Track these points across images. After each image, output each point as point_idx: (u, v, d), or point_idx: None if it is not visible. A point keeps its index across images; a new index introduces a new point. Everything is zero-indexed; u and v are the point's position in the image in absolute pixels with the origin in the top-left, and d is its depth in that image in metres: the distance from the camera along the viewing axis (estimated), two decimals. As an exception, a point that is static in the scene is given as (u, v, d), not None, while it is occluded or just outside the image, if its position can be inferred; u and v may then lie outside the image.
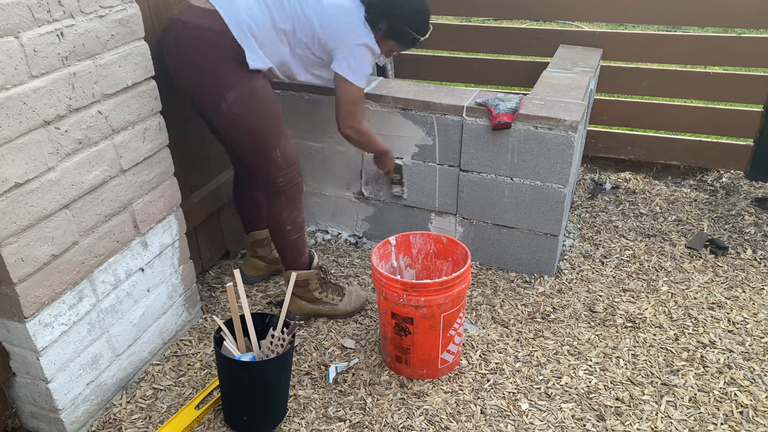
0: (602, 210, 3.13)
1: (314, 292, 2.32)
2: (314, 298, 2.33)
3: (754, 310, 2.41)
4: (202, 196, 2.48)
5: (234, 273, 1.96)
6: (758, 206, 3.11)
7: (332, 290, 2.37)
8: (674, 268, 2.66)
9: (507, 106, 2.39)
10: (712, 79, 3.21)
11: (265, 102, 2.05)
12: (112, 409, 1.99)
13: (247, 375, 1.81)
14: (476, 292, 2.54)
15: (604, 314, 2.40)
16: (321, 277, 2.34)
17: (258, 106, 2.03)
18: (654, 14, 3.13)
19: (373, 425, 1.93)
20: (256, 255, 2.58)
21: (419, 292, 1.93)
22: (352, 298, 2.38)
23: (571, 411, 1.97)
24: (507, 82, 3.55)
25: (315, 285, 2.31)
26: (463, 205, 2.62)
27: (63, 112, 1.64)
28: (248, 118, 2.03)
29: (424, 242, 2.25)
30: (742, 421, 1.93)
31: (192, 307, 2.34)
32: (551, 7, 3.27)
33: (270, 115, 2.06)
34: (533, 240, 2.56)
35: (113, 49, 1.77)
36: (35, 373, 1.73)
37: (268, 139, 2.07)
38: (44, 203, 1.62)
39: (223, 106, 2.00)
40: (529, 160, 2.41)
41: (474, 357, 2.20)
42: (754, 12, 2.98)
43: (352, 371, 2.14)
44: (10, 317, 1.65)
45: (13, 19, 1.46)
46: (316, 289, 2.32)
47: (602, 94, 3.54)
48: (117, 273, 1.93)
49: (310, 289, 2.31)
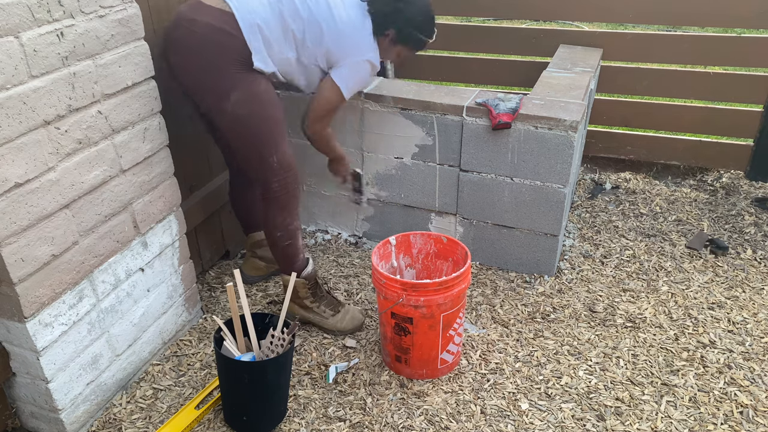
0: (602, 210, 3.13)
1: (305, 300, 2.29)
2: (305, 305, 2.30)
3: (754, 310, 2.41)
4: (202, 196, 2.48)
5: (234, 273, 1.96)
6: (758, 206, 3.11)
7: (327, 303, 2.31)
8: (674, 268, 2.66)
9: (507, 106, 2.39)
10: (712, 79, 3.21)
11: (267, 105, 2.04)
12: (112, 409, 1.99)
13: (247, 375, 1.81)
14: (476, 292, 2.54)
15: (604, 314, 2.40)
16: (310, 286, 2.28)
17: (259, 109, 2.02)
18: (654, 14, 3.13)
19: (373, 425, 1.93)
20: (255, 255, 2.58)
21: (419, 291, 1.93)
22: (347, 317, 2.30)
23: (571, 411, 1.97)
24: (507, 82, 3.55)
25: (305, 293, 2.27)
26: (463, 205, 2.62)
27: (63, 112, 1.64)
28: (248, 119, 2.02)
29: (424, 242, 2.25)
30: (742, 421, 1.93)
31: (192, 307, 2.34)
32: (551, 7, 3.27)
33: (270, 119, 2.05)
34: (533, 240, 2.56)
35: (113, 49, 1.77)
36: (35, 373, 1.73)
37: (266, 143, 2.06)
38: (44, 203, 1.62)
39: (224, 106, 1.99)
40: (529, 160, 2.41)
41: (474, 357, 2.20)
42: (754, 12, 2.98)
43: (352, 371, 2.14)
44: (10, 317, 1.65)
45: (13, 19, 1.46)
46: (306, 297, 2.28)
47: (602, 94, 3.54)
48: (117, 273, 1.93)
49: (300, 296, 2.28)
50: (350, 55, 2.14)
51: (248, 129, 2.04)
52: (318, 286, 2.31)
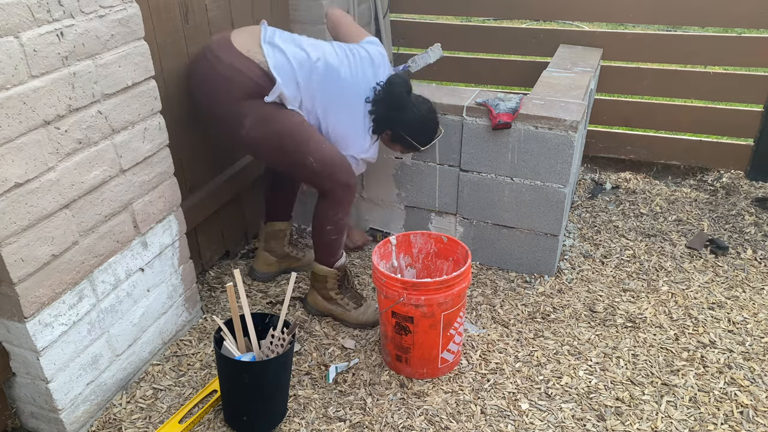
0: (602, 210, 3.13)
1: (331, 291, 2.33)
2: (330, 297, 2.34)
3: (754, 310, 2.41)
4: (202, 196, 2.48)
5: (234, 273, 1.96)
6: (758, 206, 3.11)
7: (351, 296, 2.36)
8: (674, 268, 2.66)
9: (507, 106, 2.39)
10: (712, 79, 3.21)
11: (280, 120, 2.10)
12: (112, 409, 1.99)
13: (247, 375, 1.81)
14: (476, 292, 2.54)
15: (604, 314, 2.40)
16: (340, 278, 2.33)
17: (273, 126, 2.09)
18: (654, 14, 3.13)
19: (373, 425, 1.93)
20: (268, 248, 2.59)
21: (419, 290, 1.93)
22: (369, 311, 2.35)
23: (571, 411, 1.97)
24: (507, 82, 3.55)
25: (333, 285, 2.32)
26: (463, 205, 2.62)
27: (63, 111, 1.64)
28: (266, 139, 2.11)
29: (424, 242, 2.25)
30: (742, 421, 1.93)
31: (192, 307, 2.34)
32: (551, 7, 3.28)
33: (288, 130, 2.11)
34: (533, 240, 2.56)
35: (113, 48, 1.77)
36: (35, 373, 1.73)
37: (296, 152, 2.12)
38: (44, 203, 1.62)
39: (241, 133, 2.10)
40: (529, 160, 2.41)
41: (474, 357, 2.20)
42: (754, 12, 2.98)
43: (352, 371, 2.14)
44: (10, 317, 1.64)
45: (13, 19, 1.46)
46: (333, 288, 2.33)
47: (602, 94, 3.54)
48: (117, 273, 1.93)
49: (327, 287, 2.32)
50: (346, 149, 2.22)
51: (270, 147, 2.13)
52: (347, 278, 2.37)
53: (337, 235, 2.25)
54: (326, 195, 2.21)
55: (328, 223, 2.22)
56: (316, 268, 2.32)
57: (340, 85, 2.16)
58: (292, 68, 2.08)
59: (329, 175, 2.16)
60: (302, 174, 2.22)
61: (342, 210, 2.22)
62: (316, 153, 2.13)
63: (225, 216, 2.69)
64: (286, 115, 2.11)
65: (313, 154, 2.12)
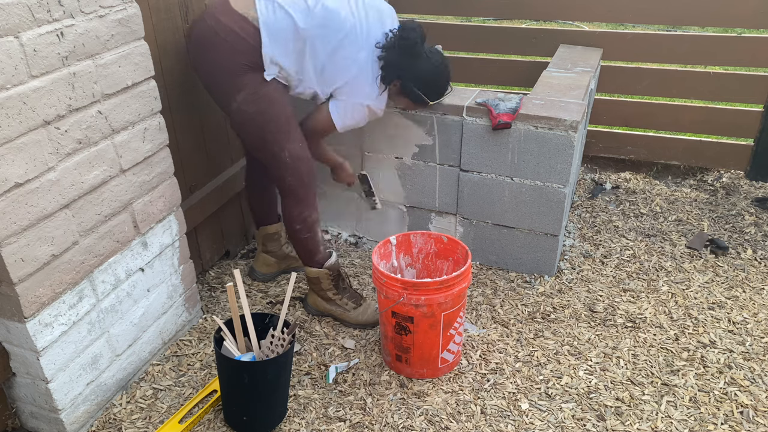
0: (602, 210, 3.13)
1: (328, 292, 2.32)
2: (328, 297, 2.33)
3: (754, 310, 2.41)
4: (202, 196, 2.48)
5: (234, 273, 1.96)
6: (758, 206, 3.11)
7: (349, 296, 2.35)
8: (674, 268, 2.66)
9: (507, 106, 2.39)
10: (712, 79, 3.21)
11: (274, 104, 2.08)
12: (112, 409, 1.99)
13: (247, 375, 1.81)
14: (476, 292, 2.54)
15: (604, 314, 2.40)
16: (333, 278, 2.32)
17: (266, 107, 2.07)
18: (654, 14, 3.13)
19: (373, 425, 1.93)
20: (266, 250, 2.59)
21: (419, 290, 1.93)
22: (368, 311, 2.34)
23: (572, 411, 1.97)
24: (507, 82, 3.55)
25: (328, 285, 2.31)
26: (463, 205, 2.62)
27: (63, 112, 1.64)
28: (255, 117, 2.07)
29: (424, 242, 2.25)
30: (742, 421, 1.93)
31: (192, 307, 2.34)
32: (551, 7, 3.27)
33: (277, 117, 2.09)
34: (533, 240, 2.56)
35: (113, 48, 1.77)
36: (35, 373, 1.73)
37: (276, 140, 2.10)
38: (44, 203, 1.62)
39: (233, 104, 2.06)
40: (530, 160, 2.41)
41: (474, 357, 2.20)
42: (754, 12, 2.98)
43: (352, 371, 2.14)
44: (10, 317, 1.64)
45: (13, 19, 1.46)
46: (329, 289, 2.32)
47: (602, 94, 3.54)
48: (117, 273, 1.93)
49: (323, 288, 2.31)
50: (350, 95, 2.17)
51: (255, 126, 2.09)
52: (341, 278, 2.35)
53: (308, 233, 2.23)
54: (287, 193, 2.18)
55: (296, 222, 2.20)
56: (307, 271, 2.31)
57: (341, 26, 2.07)
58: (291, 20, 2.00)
59: (294, 172, 2.13)
60: (272, 163, 2.15)
61: (307, 207, 2.20)
62: (293, 149, 2.11)
63: (225, 216, 2.69)
64: (279, 104, 2.09)
65: (290, 148, 2.11)
